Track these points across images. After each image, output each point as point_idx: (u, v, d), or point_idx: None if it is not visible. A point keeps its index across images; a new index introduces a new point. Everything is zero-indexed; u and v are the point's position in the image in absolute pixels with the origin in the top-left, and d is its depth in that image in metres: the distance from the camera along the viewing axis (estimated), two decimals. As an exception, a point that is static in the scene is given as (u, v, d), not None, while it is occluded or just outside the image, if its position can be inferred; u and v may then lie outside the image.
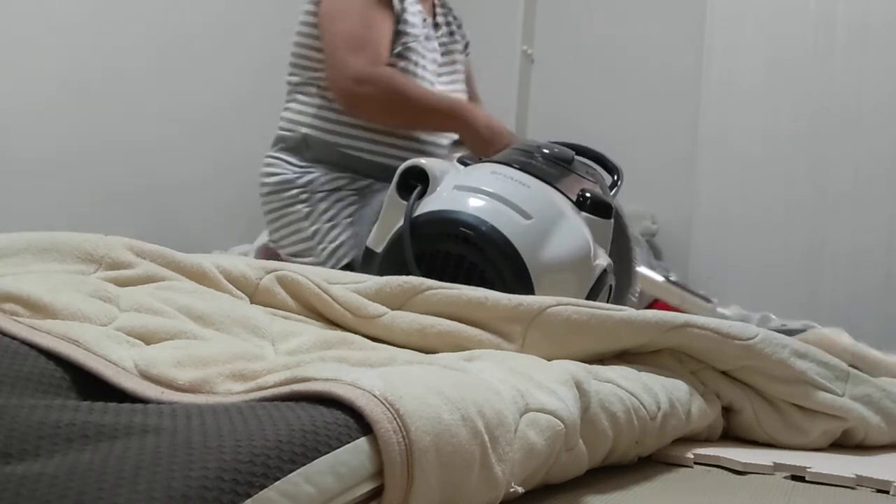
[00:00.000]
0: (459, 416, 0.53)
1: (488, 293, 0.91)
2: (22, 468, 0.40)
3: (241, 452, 0.42)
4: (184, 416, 0.47)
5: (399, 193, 1.17)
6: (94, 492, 0.38)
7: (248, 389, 0.57)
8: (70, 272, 0.78)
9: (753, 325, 0.98)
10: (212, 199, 2.42)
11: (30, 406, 0.46)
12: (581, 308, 0.90)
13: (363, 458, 0.48)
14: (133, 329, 0.67)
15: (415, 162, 1.19)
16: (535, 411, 0.63)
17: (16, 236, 0.80)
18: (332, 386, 0.52)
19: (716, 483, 0.81)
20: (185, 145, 2.35)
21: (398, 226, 1.13)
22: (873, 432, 1.00)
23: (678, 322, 0.93)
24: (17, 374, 0.53)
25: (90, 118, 2.09)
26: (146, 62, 2.22)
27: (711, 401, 0.96)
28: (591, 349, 0.90)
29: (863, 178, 2.80)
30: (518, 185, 1.15)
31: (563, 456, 0.68)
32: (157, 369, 0.58)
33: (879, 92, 2.80)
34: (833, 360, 1.00)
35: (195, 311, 0.75)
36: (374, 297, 0.91)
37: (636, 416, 0.79)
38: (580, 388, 0.72)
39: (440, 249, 1.10)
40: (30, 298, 0.66)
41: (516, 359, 0.78)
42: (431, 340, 0.87)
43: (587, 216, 1.18)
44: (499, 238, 1.09)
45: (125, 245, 0.84)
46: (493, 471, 0.56)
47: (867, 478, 0.81)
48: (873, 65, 2.80)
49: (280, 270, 0.92)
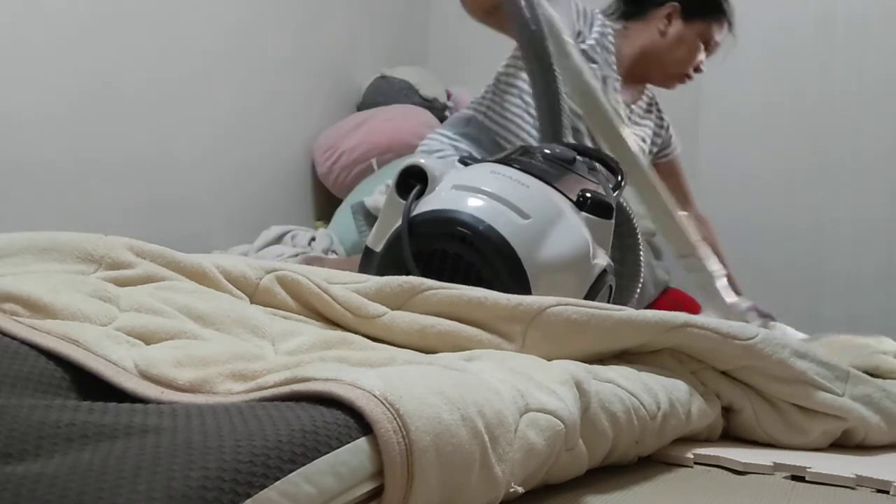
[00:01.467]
0: (459, 416, 0.53)
1: (488, 293, 0.90)
2: (22, 468, 0.40)
3: (241, 452, 0.42)
4: (184, 416, 0.47)
5: (398, 193, 1.17)
6: (94, 492, 0.38)
7: (248, 389, 0.57)
8: (70, 272, 0.78)
9: (754, 326, 0.98)
10: (216, 202, 2.42)
11: (30, 406, 0.46)
12: (581, 308, 0.90)
13: (363, 458, 0.48)
14: (133, 329, 0.66)
15: (414, 161, 1.19)
16: (535, 411, 0.63)
17: (16, 236, 0.80)
18: (332, 386, 0.52)
19: (716, 483, 0.81)
20: (193, 152, 2.35)
21: (397, 225, 1.13)
22: (873, 432, 1.00)
23: (678, 322, 0.93)
24: (17, 374, 0.53)
25: (107, 127, 2.10)
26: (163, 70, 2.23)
27: (711, 401, 0.96)
28: (591, 349, 0.90)
29: (864, 170, 2.80)
30: (517, 185, 1.15)
31: (563, 456, 0.68)
32: (157, 369, 0.58)
33: (881, 73, 2.79)
34: (833, 360, 1.01)
35: (195, 311, 0.75)
36: (374, 297, 0.91)
37: (636, 416, 0.79)
38: (580, 388, 0.72)
39: (438, 248, 1.10)
40: (30, 298, 0.66)
41: (516, 359, 0.78)
42: (431, 340, 0.87)
43: (587, 216, 1.18)
44: (495, 237, 1.09)
45: (125, 245, 0.84)
46: (493, 471, 0.56)
47: (867, 478, 0.81)
48: (876, 43, 2.79)
49: (280, 270, 0.92)
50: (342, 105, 2.90)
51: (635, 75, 2.02)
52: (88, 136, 2.06)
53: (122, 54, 2.14)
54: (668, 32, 1.97)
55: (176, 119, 2.29)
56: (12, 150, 1.90)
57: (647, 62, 1.99)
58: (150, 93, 2.22)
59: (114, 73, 2.12)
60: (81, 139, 2.05)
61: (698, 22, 1.98)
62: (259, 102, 2.57)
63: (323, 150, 2.70)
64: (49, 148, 1.98)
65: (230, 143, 2.47)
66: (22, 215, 1.90)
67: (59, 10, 1.99)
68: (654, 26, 1.98)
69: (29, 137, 1.94)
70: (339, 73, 2.92)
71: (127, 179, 2.15)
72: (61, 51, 1.99)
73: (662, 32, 1.97)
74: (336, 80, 2.91)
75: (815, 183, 2.86)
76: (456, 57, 3.17)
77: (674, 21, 1.98)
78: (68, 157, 2.02)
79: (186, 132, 2.33)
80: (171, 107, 2.27)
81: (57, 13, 1.98)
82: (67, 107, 2.01)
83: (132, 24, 2.16)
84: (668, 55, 1.99)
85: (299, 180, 2.76)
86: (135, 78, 2.17)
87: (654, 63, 2.00)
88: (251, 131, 2.55)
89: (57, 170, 1.99)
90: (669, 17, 1.98)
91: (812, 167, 2.87)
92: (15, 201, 1.90)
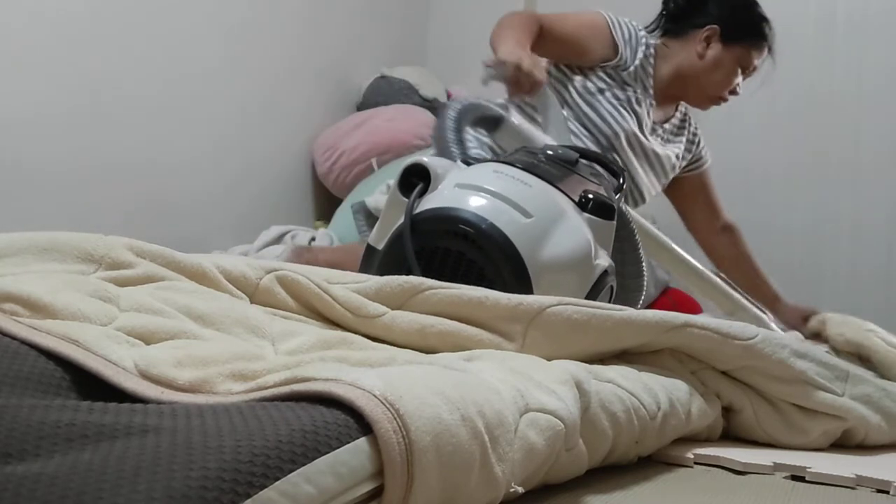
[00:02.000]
0: (459, 416, 0.53)
1: (488, 293, 0.90)
2: (22, 468, 0.40)
3: (241, 452, 0.42)
4: (184, 416, 0.47)
5: (401, 191, 1.17)
6: (94, 492, 0.38)
7: (248, 389, 0.57)
8: (70, 272, 0.78)
9: (753, 326, 0.98)
10: (215, 202, 2.42)
11: (30, 406, 0.46)
12: (581, 308, 0.90)
13: (363, 458, 0.48)
14: (133, 329, 0.66)
15: (417, 160, 1.19)
16: (535, 411, 0.63)
17: (16, 236, 0.80)
18: (332, 386, 0.52)
19: (716, 483, 0.81)
20: (193, 152, 2.35)
21: (399, 223, 1.14)
22: (873, 432, 1.00)
23: (678, 322, 0.93)
24: (17, 374, 0.53)
25: (107, 128, 2.10)
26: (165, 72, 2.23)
27: (711, 401, 0.96)
28: (591, 349, 0.90)
29: (864, 164, 2.80)
30: (519, 184, 1.15)
31: (563, 456, 0.68)
32: (157, 369, 0.58)
33: (881, 73, 2.79)
34: (833, 359, 1.01)
35: (195, 311, 0.75)
36: (375, 297, 0.91)
37: (636, 416, 0.79)
38: (580, 388, 0.72)
39: (440, 246, 1.11)
40: (30, 298, 0.66)
41: (516, 359, 0.78)
42: (431, 340, 0.87)
43: (589, 217, 1.18)
44: (498, 236, 1.09)
45: (125, 245, 0.84)
46: (493, 471, 0.56)
47: (867, 478, 0.81)
48: (876, 43, 2.79)
49: (280, 270, 0.92)
50: (342, 105, 2.90)
51: (670, 95, 2.01)
52: (89, 136, 2.06)
53: (122, 56, 2.14)
54: (706, 55, 1.95)
55: (176, 119, 2.29)
56: (13, 150, 1.90)
57: (684, 83, 1.97)
58: (151, 93, 2.22)
59: (115, 75, 2.12)
60: (81, 140, 2.05)
61: (737, 46, 1.95)
62: (259, 103, 2.57)
63: (323, 150, 2.70)
64: (49, 149, 1.98)
65: (230, 144, 2.47)
66: (22, 215, 1.90)
67: (60, 12, 1.99)
68: (692, 47, 1.96)
69: (30, 139, 1.94)
70: (339, 73, 2.92)
71: (127, 180, 2.15)
72: (62, 52, 1.99)
73: (701, 55, 1.95)
74: (336, 80, 2.91)
75: (815, 182, 2.86)
76: (456, 57, 3.16)
77: (713, 44, 1.95)
78: (68, 157, 2.02)
79: (186, 132, 2.33)
80: (171, 107, 2.27)
81: (58, 15, 1.99)
82: (67, 108, 2.01)
83: (132, 25, 2.16)
84: (705, 77, 1.97)
85: (299, 180, 2.76)
86: (135, 79, 2.17)
87: (690, 84, 1.98)
88: (251, 131, 2.55)
89: (57, 171, 1.99)
90: (709, 39, 1.95)
91: (812, 167, 2.86)
92: (15, 201, 1.90)
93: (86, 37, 2.05)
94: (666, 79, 1.97)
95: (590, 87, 1.91)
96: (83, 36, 2.04)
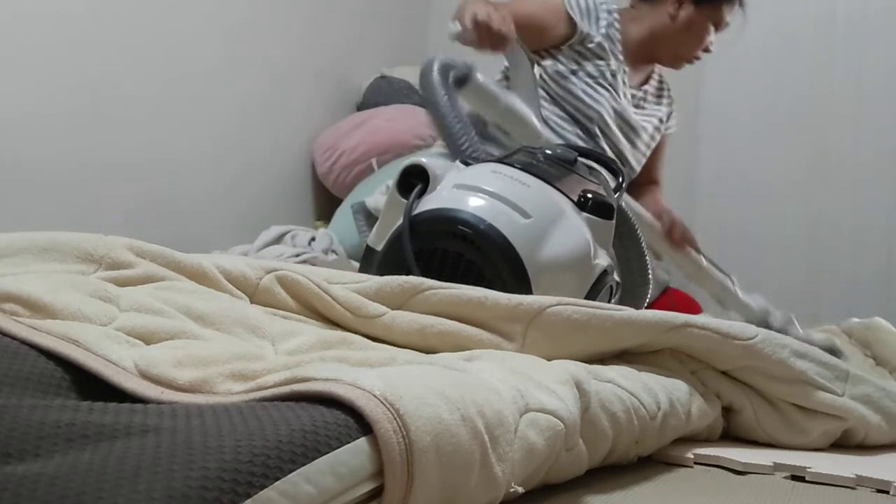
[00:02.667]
0: (459, 416, 0.53)
1: (488, 293, 0.90)
2: (22, 468, 0.40)
3: (241, 452, 0.42)
4: (184, 416, 0.47)
5: (399, 192, 1.17)
6: (94, 492, 0.38)
7: (248, 389, 0.57)
8: (70, 272, 0.78)
9: (753, 326, 0.98)
10: (215, 202, 2.42)
11: (30, 406, 0.46)
12: (581, 308, 0.90)
13: (363, 458, 0.48)
14: (133, 329, 0.66)
15: (415, 161, 1.19)
16: (535, 411, 0.63)
17: (16, 236, 0.80)
18: (332, 386, 0.52)
19: (716, 483, 0.81)
20: (193, 152, 2.35)
21: (398, 224, 1.14)
22: (873, 432, 1.00)
23: (678, 322, 0.93)
24: (17, 374, 0.53)
25: (107, 128, 2.10)
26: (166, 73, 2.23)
27: (711, 401, 0.96)
28: (591, 349, 0.90)
29: (865, 160, 2.80)
30: (518, 185, 1.15)
31: (563, 456, 0.68)
32: (157, 369, 0.58)
33: (881, 73, 2.79)
34: (833, 360, 1.01)
35: (195, 311, 0.75)
36: (374, 297, 0.91)
37: (636, 416, 0.79)
38: (580, 388, 0.72)
39: (438, 247, 1.11)
40: (30, 298, 0.66)
41: (516, 359, 0.78)
42: (431, 340, 0.87)
43: (588, 216, 1.18)
44: (497, 236, 1.09)
45: (125, 245, 0.84)
46: (493, 471, 0.56)
47: (867, 478, 0.81)
48: (875, 40, 2.79)
49: (280, 270, 0.92)
50: (342, 105, 2.90)
51: (643, 56, 1.99)
52: (89, 136, 2.06)
53: (122, 55, 2.14)
54: (678, 16, 1.94)
55: (176, 119, 2.29)
56: (13, 150, 1.90)
57: (656, 44, 1.96)
58: (151, 93, 2.21)
59: (115, 74, 2.12)
60: (82, 140, 2.05)
61: (709, 5, 1.94)
62: (259, 103, 2.57)
63: (323, 150, 2.70)
64: (49, 149, 1.98)
65: (230, 144, 2.47)
66: (22, 215, 1.90)
67: (60, 11, 1.99)
68: (664, 9, 1.94)
69: (30, 139, 1.94)
70: (339, 73, 2.92)
71: (127, 180, 2.15)
72: (62, 52, 1.99)
73: (673, 16, 1.94)
74: (336, 80, 2.91)
75: (815, 183, 2.86)
76: (456, 57, 3.16)
77: (685, 5, 1.94)
78: (68, 157, 2.01)
79: (186, 132, 2.33)
80: (171, 107, 2.27)
81: (58, 15, 1.98)
82: (67, 108, 2.01)
83: (132, 25, 2.16)
84: (678, 39, 1.96)
85: (299, 180, 2.76)
86: (135, 78, 2.17)
87: (662, 45, 1.97)
88: (251, 131, 2.55)
89: (57, 171, 1.99)
90: (680, 0, 1.96)
91: (812, 168, 2.86)
92: (15, 201, 1.90)
93: (86, 37, 2.05)
94: (636, 41, 1.96)
95: (561, 70, 1.90)
96: (83, 36, 2.04)
